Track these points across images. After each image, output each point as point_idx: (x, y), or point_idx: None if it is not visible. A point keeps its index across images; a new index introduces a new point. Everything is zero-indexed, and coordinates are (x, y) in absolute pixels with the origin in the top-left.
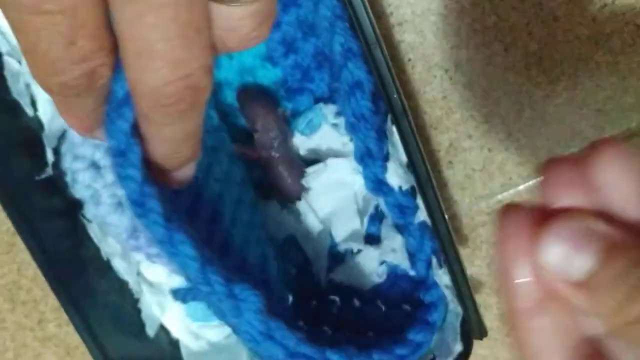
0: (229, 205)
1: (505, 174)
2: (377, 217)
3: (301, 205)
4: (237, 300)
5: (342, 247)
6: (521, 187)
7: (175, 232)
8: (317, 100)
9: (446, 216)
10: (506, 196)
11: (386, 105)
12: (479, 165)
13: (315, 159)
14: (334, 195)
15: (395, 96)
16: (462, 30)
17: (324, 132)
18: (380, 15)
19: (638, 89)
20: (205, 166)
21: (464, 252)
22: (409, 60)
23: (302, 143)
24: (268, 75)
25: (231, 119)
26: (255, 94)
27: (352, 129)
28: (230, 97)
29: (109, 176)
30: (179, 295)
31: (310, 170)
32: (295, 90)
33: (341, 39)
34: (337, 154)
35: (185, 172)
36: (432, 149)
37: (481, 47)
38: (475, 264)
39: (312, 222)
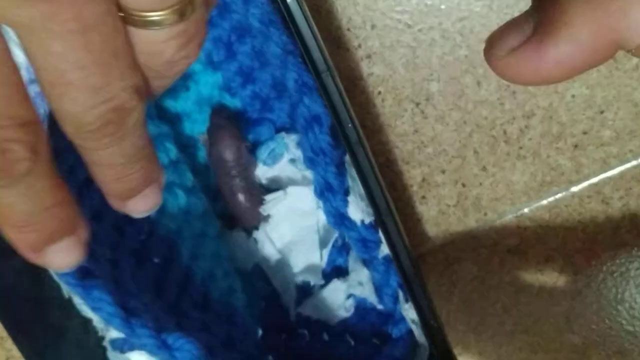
0: (189, 240)
1: (480, 209)
2: (343, 248)
3: (260, 234)
4: (172, 350)
5: (304, 280)
6: (497, 222)
7: (93, 288)
8: (278, 129)
9: (408, 248)
10: (481, 232)
11: (340, 136)
12: (452, 201)
13: (277, 188)
14: (293, 225)
15: (349, 125)
16: (433, 63)
17: (285, 163)
18: (347, 48)
19: (615, 122)
20: None
21: (439, 289)
22: (379, 93)
23: (264, 173)
24: (226, 106)
25: (191, 150)
26: (223, 121)
27: (311, 163)
28: (188, 128)
29: None
30: (117, 345)
31: (269, 197)
32: (255, 120)
33: (294, 74)
34: (297, 184)
35: (148, 199)
36: (405, 183)
37: (452, 80)
38: (453, 301)
39: (271, 252)
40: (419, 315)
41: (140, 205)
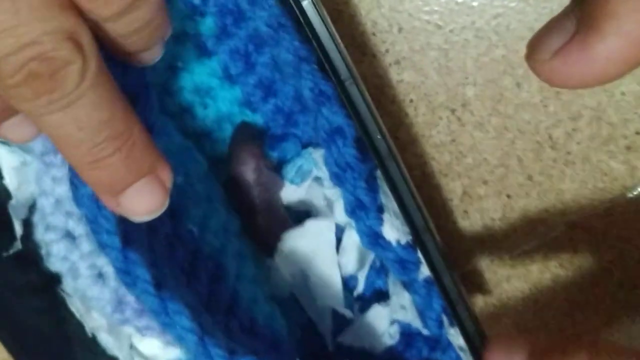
0: (232, 260)
1: (528, 222)
2: (382, 270)
3: (282, 262)
4: None
5: (339, 307)
6: (547, 235)
7: (169, 301)
8: (305, 145)
9: (450, 268)
10: (531, 246)
11: (369, 149)
12: (497, 214)
13: (305, 210)
14: (318, 254)
15: (378, 137)
16: (468, 65)
17: (313, 182)
18: (374, 54)
19: None
20: (201, 218)
21: (487, 311)
22: (411, 101)
23: (292, 193)
24: (249, 123)
25: (219, 169)
26: (244, 139)
27: (338, 180)
28: (209, 149)
29: (85, 245)
30: None
31: (286, 236)
32: (279, 136)
33: (309, 83)
34: (320, 212)
35: (145, 195)
36: (444, 197)
37: (490, 83)
38: (503, 322)
39: (300, 281)
40: (467, 340)
41: (136, 204)
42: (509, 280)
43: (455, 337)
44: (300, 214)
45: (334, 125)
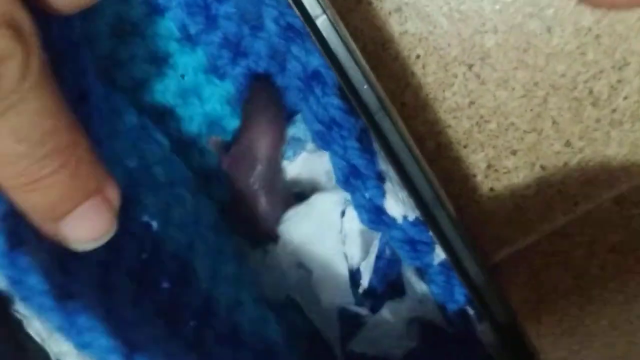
0: (204, 257)
1: (568, 197)
2: (394, 259)
3: (282, 253)
4: None
5: (347, 308)
6: (592, 213)
7: (78, 315)
8: (290, 113)
9: (473, 249)
10: (573, 228)
11: (353, 103)
12: (530, 190)
13: (299, 191)
14: (321, 241)
15: (365, 87)
16: (485, 9)
17: (308, 155)
18: (370, 1)
19: None
20: (161, 208)
21: (524, 307)
22: (418, 57)
23: (286, 170)
24: (218, 93)
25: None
26: (264, 97)
27: (322, 141)
28: (174, 129)
29: None
30: None
31: (287, 215)
32: None
33: (273, 12)
34: (322, 186)
35: (91, 221)
36: (465, 174)
37: (514, 29)
38: (543, 320)
39: (300, 278)
40: (500, 338)
41: (80, 230)
42: (549, 270)
43: (486, 334)
44: (298, 195)
45: (309, 69)
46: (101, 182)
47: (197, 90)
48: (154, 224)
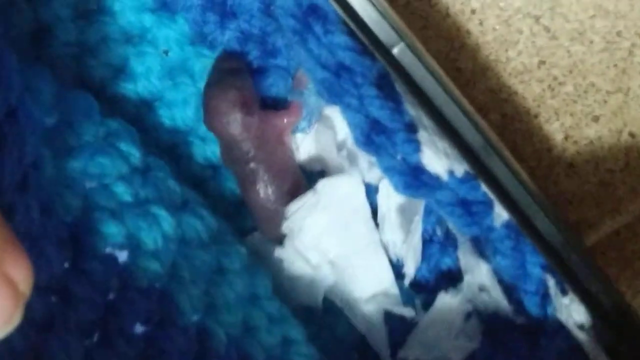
0: (192, 285)
1: None
2: (448, 240)
3: (303, 249)
4: None
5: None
6: None
7: None
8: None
9: (540, 205)
10: None
11: (363, 40)
12: (619, 163)
13: (321, 170)
14: (344, 236)
15: (374, 16)
16: None
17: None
18: None
19: None
20: (128, 235)
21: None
22: (473, 12)
23: (301, 146)
24: (209, 65)
25: (182, 149)
26: (219, 76)
27: (329, 91)
28: (167, 117)
29: None
30: None
31: (294, 206)
32: (258, 73)
33: None
34: (337, 165)
35: None
36: (538, 148)
37: None
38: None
39: (328, 276)
40: (594, 308)
41: None
42: None
43: (571, 309)
44: (314, 175)
45: (303, 2)
46: (0, 255)
47: (186, 67)
48: (121, 256)
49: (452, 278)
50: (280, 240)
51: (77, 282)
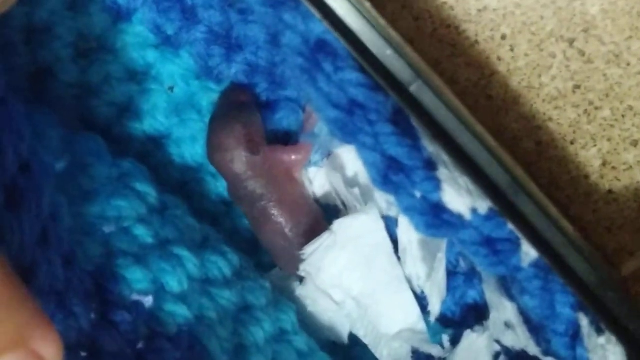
0: (219, 326)
1: None
2: (474, 274)
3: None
4: None
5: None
6: None
7: None
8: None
9: (569, 240)
10: None
11: (376, 78)
12: None
13: (332, 205)
14: (365, 273)
15: (388, 53)
16: None
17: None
18: None
19: None
20: (153, 279)
21: None
22: (503, 37)
23: (314, 180)
24: (216, 100)
25: (191, 185)
26: (224, 111)
27: (342, 130)
28: (177, 155)
29: None
30: None
31: (309, 249)
32: (266, 106)
33: None
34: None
35: None
36: (574, 176)
37: None
38: None
39: (352, 312)
40: (633, 346)
41: None
42: None
43: (606, 350)
44: (330, 209)
45: (310, 39)
46: (27, 331)
47: (193, 102)
48: (147, 301)
49: (478, 312)
50: (301, 277)
51: (106, 334)
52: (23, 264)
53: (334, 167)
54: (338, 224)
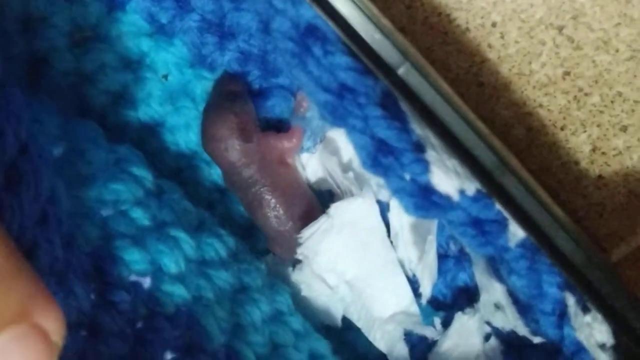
0: (216, 307)
1: None
2: (464, 256)
3: (320, 279)
4: None
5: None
6: None
7: None
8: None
9: (555, 219)
10: None
11: (364, 61)
12: None
13: (326, 189)
14: (360, 257)
15: (377, 36)
16: None
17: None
18: None
19: None
20: (150, 260)
21: None
22: (494, 25)
23: (307, 166)
24: (210, 87)
25: (187, 173)
26: (217, 101)
27: (332, 113)
28: (172, 143)
29: None
30: None
31: (307, 232)
32: (258, 94)
33: None
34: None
35: None
36: (565, 161)
37: None
38: None
39: (346, 296)
40: (619, 325)
41: None
42: None
43: (592, 328)
44: (324, 195)
45: (300, 24)
46: (29, 301)
47: (186, 90)
48: (146, 282)
49: (469, 295)
50: (295, 262)
51: (106, 314)
52: (23, 244)
53: (328, 152)
54: (335, 208)
